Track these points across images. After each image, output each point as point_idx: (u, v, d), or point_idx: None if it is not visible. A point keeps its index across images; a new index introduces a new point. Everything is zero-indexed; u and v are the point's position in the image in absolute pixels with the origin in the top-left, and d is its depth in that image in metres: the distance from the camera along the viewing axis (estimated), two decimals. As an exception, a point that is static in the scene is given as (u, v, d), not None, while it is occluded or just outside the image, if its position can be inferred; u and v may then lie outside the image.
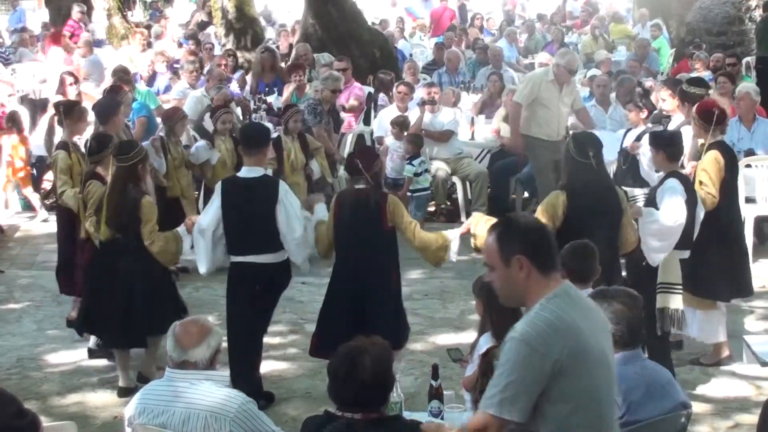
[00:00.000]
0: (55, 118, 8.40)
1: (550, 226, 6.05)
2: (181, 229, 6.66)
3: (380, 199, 6.43)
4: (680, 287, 6.55)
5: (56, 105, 8.73)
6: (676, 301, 6.51)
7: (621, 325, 4.29)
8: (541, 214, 6.27)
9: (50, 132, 8.77)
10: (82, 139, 8.14)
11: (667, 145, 6.79)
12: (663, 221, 6.45)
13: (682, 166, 7.35)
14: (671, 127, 8.86)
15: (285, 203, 6.36)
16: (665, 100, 9.45)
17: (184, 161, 9.19)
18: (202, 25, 18.12)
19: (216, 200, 6.51)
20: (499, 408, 3.37)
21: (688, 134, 7.83)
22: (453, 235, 6.48)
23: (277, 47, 15.94)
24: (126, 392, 6.50)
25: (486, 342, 4.97)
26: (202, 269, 6.63)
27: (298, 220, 6.39)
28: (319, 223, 6.60)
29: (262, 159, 6.58)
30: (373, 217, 6.38)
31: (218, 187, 6.63)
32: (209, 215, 6.49)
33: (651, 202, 6.72)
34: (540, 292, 3.42)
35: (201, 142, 9.38)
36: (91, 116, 8.40)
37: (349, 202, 6.47)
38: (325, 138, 10.61)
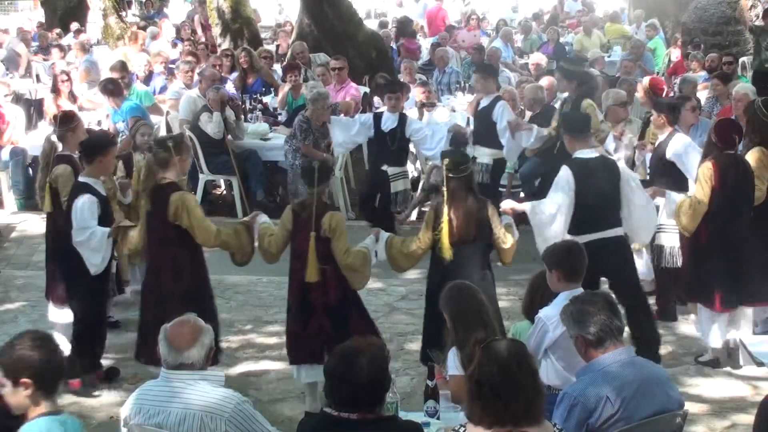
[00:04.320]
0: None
1: None
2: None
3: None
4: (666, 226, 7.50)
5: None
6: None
7: (591, 326, 4.31)
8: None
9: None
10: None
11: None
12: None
13: None
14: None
15: (629, 179, 6.85)
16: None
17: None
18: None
19: (566, 184, 6.69)
20: None
21: None
22: None
23: (277, 47, 15.94)
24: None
25: (453, 356, 4.98)
26: None
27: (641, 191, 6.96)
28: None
29: (587, 141, 6.97)
30: (750, 182, 6.84)
31: (566, 170, 6.77)
32: (560, 202, 6.69)
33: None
34: None
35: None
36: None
37: (732, 170, 6.83)
38: (313, 152, 9.89)
